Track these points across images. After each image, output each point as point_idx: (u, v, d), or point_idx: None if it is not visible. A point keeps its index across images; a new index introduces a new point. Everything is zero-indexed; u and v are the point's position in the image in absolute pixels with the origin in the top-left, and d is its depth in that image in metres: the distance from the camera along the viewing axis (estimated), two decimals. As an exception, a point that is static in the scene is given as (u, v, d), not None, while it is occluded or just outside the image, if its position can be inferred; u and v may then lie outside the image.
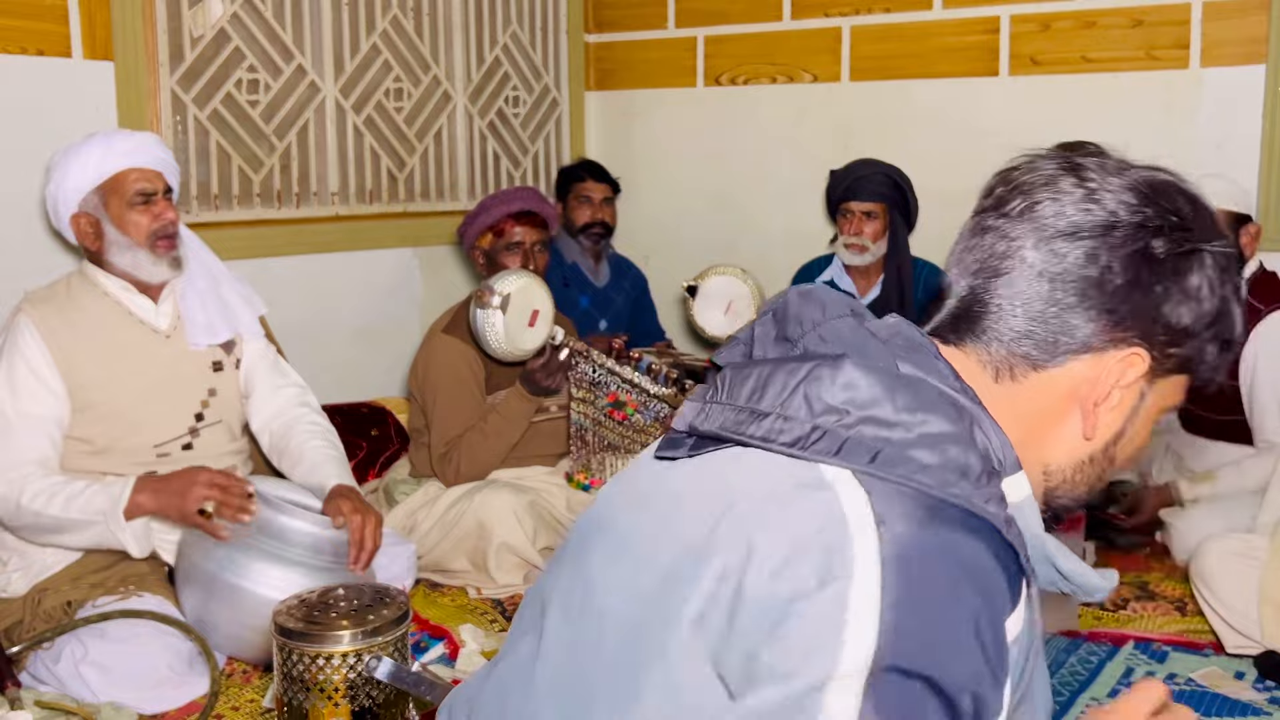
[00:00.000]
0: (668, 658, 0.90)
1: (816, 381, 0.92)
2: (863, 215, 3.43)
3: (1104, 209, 0.97)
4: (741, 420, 0.95)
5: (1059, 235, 0.97)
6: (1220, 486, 2.84)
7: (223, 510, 2.13)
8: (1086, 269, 0.96)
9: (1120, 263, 0.95)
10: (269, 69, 3.48)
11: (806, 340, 1.00)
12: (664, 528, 0.97)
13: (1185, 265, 0.97)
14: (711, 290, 3.39)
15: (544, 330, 2.78)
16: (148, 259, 2.35)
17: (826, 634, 0.82)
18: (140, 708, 2.10)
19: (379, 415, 3.48)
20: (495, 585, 2.72)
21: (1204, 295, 0.97)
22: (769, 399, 0.94)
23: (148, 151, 2.38)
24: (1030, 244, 0.98)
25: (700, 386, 1.05)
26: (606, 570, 1.01)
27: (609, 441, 2.95)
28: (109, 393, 2.32)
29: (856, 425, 0.90)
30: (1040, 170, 1.04)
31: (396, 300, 3.95)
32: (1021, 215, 1.00)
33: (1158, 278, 0.96)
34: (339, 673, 1.63)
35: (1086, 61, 3.68)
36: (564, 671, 1.00)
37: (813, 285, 1.07)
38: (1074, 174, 1.02)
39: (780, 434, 0.92)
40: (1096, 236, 0.96)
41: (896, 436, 0.89)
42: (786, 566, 0.86)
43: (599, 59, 4.66)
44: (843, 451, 0.89)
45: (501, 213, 2.91)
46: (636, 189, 4.59)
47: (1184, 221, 0.97)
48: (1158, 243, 0.96)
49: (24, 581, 2.27)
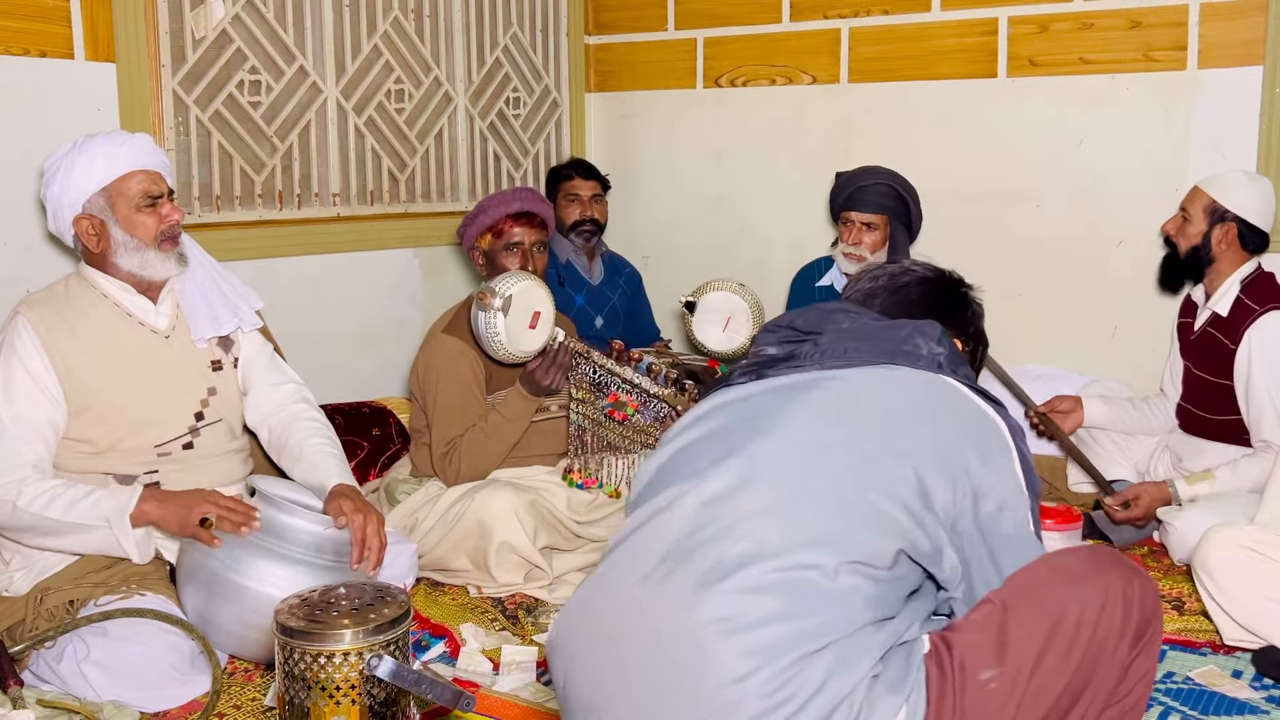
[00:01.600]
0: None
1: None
2: (863, 226, 3.43)
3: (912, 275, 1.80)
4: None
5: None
6: (1217, 486, 2.85)
7: (222, 523, 2.15)
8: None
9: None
10: (271, 70, 3.50)
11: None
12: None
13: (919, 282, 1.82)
14: (710, 305, 3.40)
15: (545, 332, 2.79)
16: (156, 257, 2.38)
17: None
18: (142, 706, 2.11)
19: (380, 415, 3.49)
20: (496, 584, 2.73)
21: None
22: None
23: (153, 155, 2.41)
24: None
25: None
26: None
27: (608, 441, 2.96)
28: (109, 394, 2.34)
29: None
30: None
31: (397, 300, 3.97)
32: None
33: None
34: (340, 671, 1.64)
35: (1084, 63, 3.69)
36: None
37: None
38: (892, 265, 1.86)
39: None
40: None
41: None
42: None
43: (599, 60, 4.67)
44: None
45: (500, 213, 2.92)
46: (636, 190, 4.60)
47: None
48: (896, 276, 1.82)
49: (26, 580, 2.28)
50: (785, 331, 1.68)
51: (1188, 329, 3.13)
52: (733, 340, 3.40)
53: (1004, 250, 3.83)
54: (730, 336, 3.40)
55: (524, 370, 2.84)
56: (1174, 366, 3.20)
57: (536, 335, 2.77)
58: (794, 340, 1.65)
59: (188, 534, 2.19)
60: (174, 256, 2.40)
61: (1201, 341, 3.04)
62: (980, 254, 3.85)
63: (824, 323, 1.65)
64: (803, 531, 1.36)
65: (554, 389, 2.85)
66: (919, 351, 1.58)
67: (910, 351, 1.57)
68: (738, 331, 3.39)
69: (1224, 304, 2.96)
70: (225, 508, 2.17)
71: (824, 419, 1.49)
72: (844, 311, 1.67)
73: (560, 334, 2.83)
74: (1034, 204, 3.81)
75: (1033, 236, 3.80)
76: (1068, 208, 3.74)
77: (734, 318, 3.39)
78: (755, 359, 1.67)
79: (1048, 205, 3.79)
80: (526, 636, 2.51)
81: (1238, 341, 2.89)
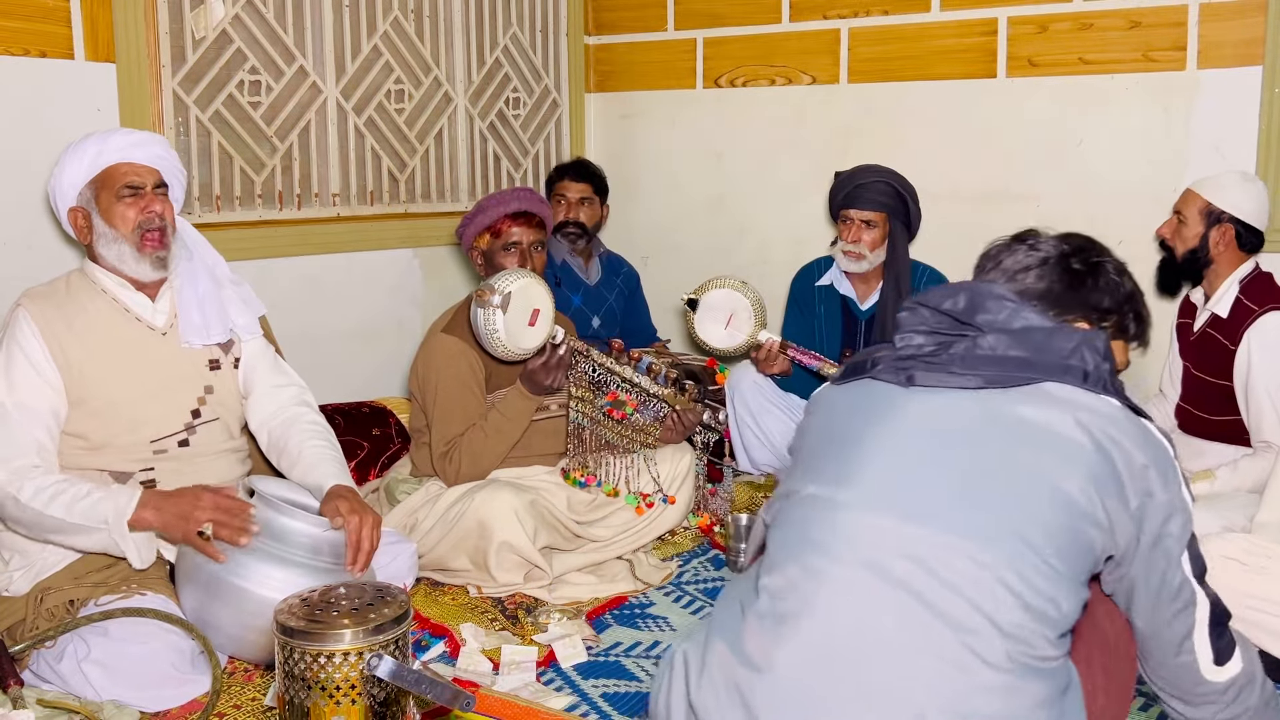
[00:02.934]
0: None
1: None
2: (862, 224, 3.43)
3: (1040, 252, 1.71)
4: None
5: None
6: (1217, 486, 2.85)
7: (220, 532, 2.15)
8: (1039, 285, 1.69)
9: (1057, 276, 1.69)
10: (271, 71, 3.50)
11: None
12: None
13: (1095, 270, 1.69)
14: (712, 303, 3.40)
15: (544, 329, 2.79)
16: (131, 254, 2.35)
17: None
18: (142, 706, 2.10)
19: (380, 415, 3.50)
20: (496, 584, 2.73)
21: (1111, 287, 1.68)
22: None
23: (144, 148, 2.39)
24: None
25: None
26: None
27: (607, 440, 2.96)
28: (105, 389, 2.34)
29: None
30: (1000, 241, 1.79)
31: (397, 300, 3.97)
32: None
33: (1080, 281, 1.68)
34: (340, 671, 1.64)
35: (1084, 63, 3.70)
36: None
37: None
38: (1020, 240, 1.75)
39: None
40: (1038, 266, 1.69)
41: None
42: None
43: (599, 61, 4.68)
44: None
45: (499, 213, 2.93)
46: (636, 190, 4.61)
47: (1087, 246, 1.71)
48: (1075, 261, 1.69)
49: (26, 580, 2.27)
50: (934, 318, 1.60)
51: (1187, 330, 3.13)
52: (734, 337, 3.40)
53: (1003, 250, 3.83)
54: (732, 334, 3.41)
55: (524, 369, 2.84)
56: (1173, 367, 3.20)
57: (536, 333, 2.77)
58: (945, 331, 1.58)
59: (188, 543, 2.19)
60: (150, 259, 2.36)
61: (1201, 342, 3.04)
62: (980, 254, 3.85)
63: (977, 310, 1.57)
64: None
65: (554, 388, 2.86)
66: (1085, 367, 1.49)
67: (1077, 367, 1.49)
68: (739, 329, 3.40)
69: (1223, 305, 2.97)
70: (222, 511, 2.16)
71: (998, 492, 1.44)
72: (996, 298, 1.58)
73: (560, 332, 2.83)
74: (1033, 204, 3.81)
75: (1032, 236, 3.80)
76: (1067, 208, 3.75)
77: (736, 315, 3.39)
78: (901, 350, 1.60)
79: (1047, 205, 3.79)
80: (526, 636, 2.51)
81: (1237, 342, 2.89)
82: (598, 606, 2.69)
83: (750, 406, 3.58)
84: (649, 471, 3.00)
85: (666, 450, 3.06)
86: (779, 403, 3.58)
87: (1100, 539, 1.43)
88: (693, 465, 3.09)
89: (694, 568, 2.96)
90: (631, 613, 2.67)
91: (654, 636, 2.54)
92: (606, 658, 2.43)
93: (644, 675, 2.35)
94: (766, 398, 3.58)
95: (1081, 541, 1.41)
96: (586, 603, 2.71)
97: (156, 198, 2.38)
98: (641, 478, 3.00)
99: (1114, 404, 1.49)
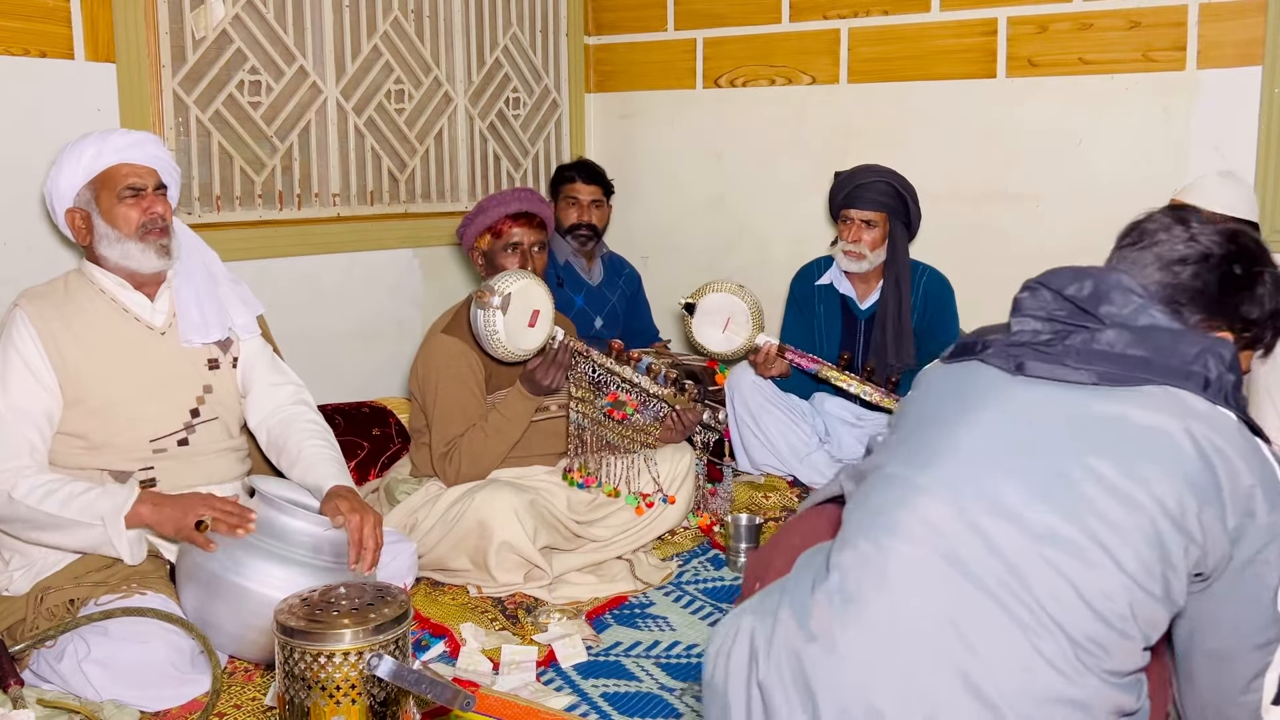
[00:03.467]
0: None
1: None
2: (862, 224, 3.44)
3: (1200, 246, 1.56)
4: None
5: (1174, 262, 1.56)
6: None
7: (218, 525, 2.15)
8: (1193, 283, 1.55)
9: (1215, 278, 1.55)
10: (271, 71, 3.50)
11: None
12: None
13: (1253, 280, 1.56)
14: (709, 307, 3.40)
15: (544, 330, 2.79)
16: (137, 248, 2.36)
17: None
18: (143, 706, 2.11)
19: (380, 415, 3.50)
20: (496, 584, 2.73)
21: (1265, 299, 1.56)
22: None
23: (142, 149, 2.40)
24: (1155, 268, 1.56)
25: None
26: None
27: (607, 440, 2.96)
28: (104, 388, 2.34)
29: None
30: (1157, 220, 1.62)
31: (397, 300, 3.97)
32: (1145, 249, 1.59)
33: (1237, 288, 1.55)
34: (340, 671, 1.64)
35: (1084, 63, 3.70)
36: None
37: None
38: (1181, 223, 1.59)
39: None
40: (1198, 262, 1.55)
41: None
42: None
43: (599, 61, 4.68)
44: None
45: (499, 213, 2.93)
46: (636, 190, 4.61)
47: (1255, 253, 1.57)
48: (1237, 266, 1.55)
49: (26, 580, 2.28)
50: (1055, 302, 1.54)
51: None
52: (732, 341, 3.41)
53: (1003, 250, 3.83)
54: (730, 337, 3.41)
55: (524, 369, 2.84)
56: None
57: (536, 334, 2.77)
58: (1062, 320, 1.51)
59: (183, 537, 2.19)
60: (155, 248, 2.37)
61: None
62: (980, 254, 3.86)
63: (1102, 300, 1.50)
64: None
65: (554, 388, 2.86)
66: (1208, 374, 1.41)
67: (1199, 374, 1.41)
68: (737, 333, 3.40)
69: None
70: (221, 510, 2.17)
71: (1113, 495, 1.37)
72: (1124, 290, 1.50)
73: (560, 333, 2.83)
74: (1033, 204, 3.81)
75: (1032, 236, 3.80)
76: (1067, 208, 3.75)
77: (733, 319, 3.39)
78: (1016, 336, 1.53)
79: (1047, 205, 3.79)
80: (526, 636, 2.51)
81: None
82: (598, 606, 2.69)
83: (750, 406, 3.59)
84: (649, 471, 3.01)
85: (666, 450, 3.06)
86: (778, 403, 3.59)
87: (1187, 550, 1.35)
88: (693, 465, 3.09)
89: (694, 568, 2.96)
90: (631, 613, 2.67)
91: (654, 636, 2.54)
92: (606, 658, 2.43)
93: (644, 675, 2.35)
94: (766, 398, 3.58)
95: (1167, 553, 1.34)
96: (586, 603, 2.71)
97: (158, 199, 2.39)
98: (641, 478, 3.00)
99: (1230, 417, 1.41)
